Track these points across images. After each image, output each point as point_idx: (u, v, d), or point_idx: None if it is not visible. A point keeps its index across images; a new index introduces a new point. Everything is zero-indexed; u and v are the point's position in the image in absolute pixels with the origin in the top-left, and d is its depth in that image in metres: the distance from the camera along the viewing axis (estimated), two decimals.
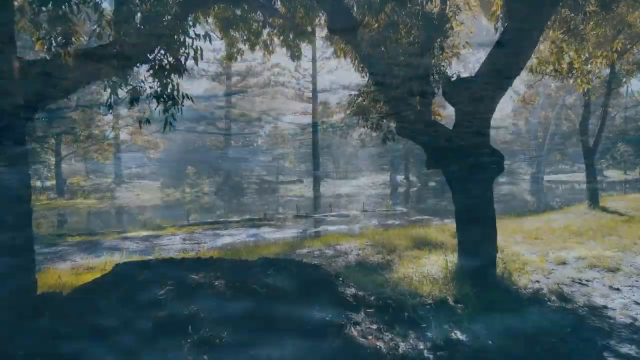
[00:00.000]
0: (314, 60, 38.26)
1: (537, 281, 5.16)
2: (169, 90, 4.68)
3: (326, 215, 16.80)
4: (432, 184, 40.96)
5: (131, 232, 12.78)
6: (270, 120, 47.41)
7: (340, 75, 45.53)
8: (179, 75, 4.73)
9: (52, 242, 11.08)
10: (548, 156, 37.57)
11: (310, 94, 38.54)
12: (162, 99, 4.67)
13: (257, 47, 10.16)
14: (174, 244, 10.93)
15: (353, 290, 4.03)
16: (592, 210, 12.26)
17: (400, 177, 40.83)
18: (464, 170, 4.88)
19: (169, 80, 4.68)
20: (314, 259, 6.91)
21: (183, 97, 4.77)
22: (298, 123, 46.27)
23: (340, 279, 4.33)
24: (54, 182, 32.01)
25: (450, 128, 5.20)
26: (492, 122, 5.30)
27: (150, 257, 6.51)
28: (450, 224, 13.01)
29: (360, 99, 7.00)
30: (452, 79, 5.30)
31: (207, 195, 33.08)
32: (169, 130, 4.76)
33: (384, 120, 6.63)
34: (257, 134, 52.06)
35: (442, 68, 5.61)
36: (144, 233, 12.67)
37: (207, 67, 36.88)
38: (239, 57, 10.69)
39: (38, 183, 30.33)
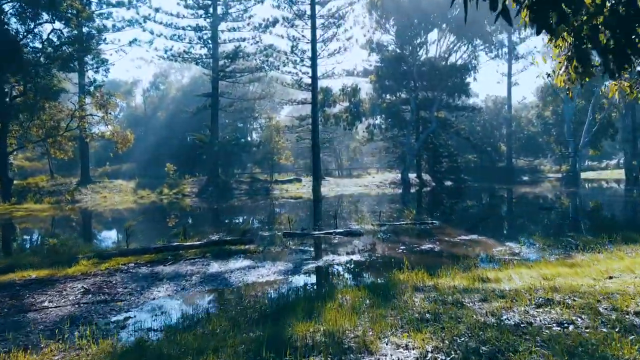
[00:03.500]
0: (313, 41, 33.39)
1: None
2: None
3: (330, 233, 11.88)
4: (448, 183, 36.15)
5: (13, 274, 7.84)
6: (263, 110, 42.52)
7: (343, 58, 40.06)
8: None
9: None
10: (583, 151, 32.54)
11: (309, 80, 33.63)
12: None
13: None
14: (51, 313, 5.97)
15: None
16: None
17: (412, 175, 35.87)
18: None
19: None
20: None
21: None
22: (296, 114, 41.27)
23: None
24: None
25: None
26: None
27: None
28: (535, 259, 7.80)
29: None
30: None
31: (187, 197, 28.19)
32: None
33: None
34: (250, 126, 47.12)
35: None
36: (33, 274, 7.76)
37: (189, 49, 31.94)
38: None
39: None
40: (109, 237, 13.66)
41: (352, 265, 8.43)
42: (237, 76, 33.32)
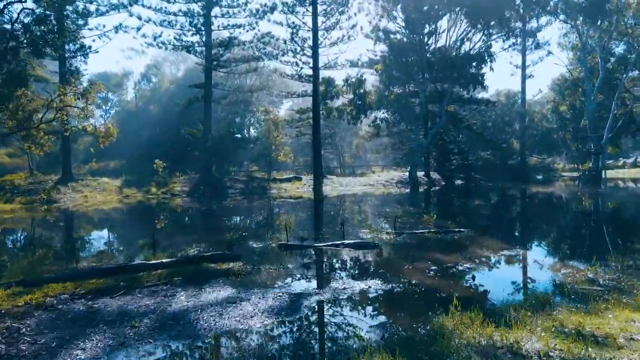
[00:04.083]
0: (314, 29, 31.03)
1: None
2: None
3: (337, 245, 9.55)
4: (458, 182, 33.81)
5: None
6: (261, 104, 40.13)
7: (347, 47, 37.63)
8: None
9: None
10: (605, 148, 30.15)
11: (310, 71, 31.28)
12: None
13: None
14: None
15: None
16: None
17: (420, 174, 33.49)
18: None
19: None
20: None
21: None
22: (296, 108, 38.90)
23: None
24: None
25: None
26: None
27: None
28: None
29: None
30: None
31: (177, 196, 25.85)
32: None
33: None
34: (247, 120, 44.73)
35: None
36: None
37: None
38: None
39: None
40: (70, 248, 11.27)
41: (372, 299, 6.08)
42: (232, 66, 30.91)
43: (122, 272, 7.22)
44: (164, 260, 7.78)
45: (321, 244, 9.75)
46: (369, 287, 6.55)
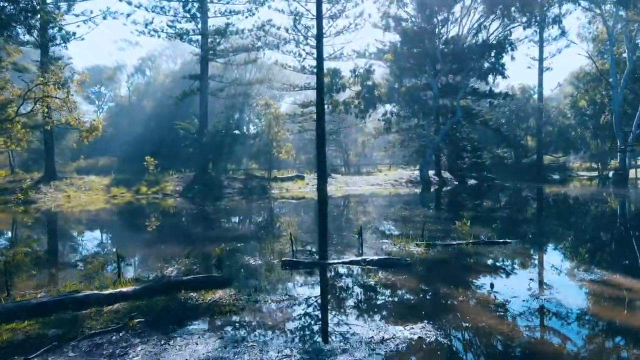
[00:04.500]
0: (318, 17, 28.78)
1: None
2: None
3: (357, 262, 7.44)
4: (471, 181, 31.70)
5: None
6: (261, 98, 38.00)
7: (353, 37, 35.65)
8: None
9: None
10: (633, 146, 27.99)
11: (314, 62, 29.06)
12: None
13: None
14: None
15: None
16: None
17: (430, 172, 31.36)
18: None
19: None
20: None
21: None
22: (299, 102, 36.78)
23: None
24: None
25: None
26: None
27: None
28: None
29: None
30: None
31: (169, 196, 23.74)
32: None
33: None
34: (246, 116, 42.61)
35: None
36: None
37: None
38: None
39: None
40: (17, 264, 9.10)
41: None
42: (230, 55, 28.76)
43: (60, 309, 5.10)
44: (124, 289, 5.65)
45: (336, 261, 7.63)
46: (418, 337, 4.42)
